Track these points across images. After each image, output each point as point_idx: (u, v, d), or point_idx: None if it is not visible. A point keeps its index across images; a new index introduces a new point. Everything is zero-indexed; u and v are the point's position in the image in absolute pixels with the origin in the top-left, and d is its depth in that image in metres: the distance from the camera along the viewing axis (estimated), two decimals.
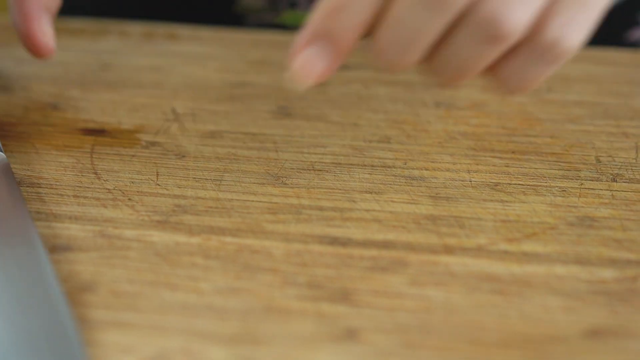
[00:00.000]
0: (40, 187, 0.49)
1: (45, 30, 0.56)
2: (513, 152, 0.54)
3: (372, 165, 0.52)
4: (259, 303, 0.41)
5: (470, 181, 0.51)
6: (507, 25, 0.43)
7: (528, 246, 0.45)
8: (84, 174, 0.51)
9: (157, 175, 0.50)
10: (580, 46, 0.45)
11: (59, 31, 0.69)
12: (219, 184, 0.50)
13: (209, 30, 0.72)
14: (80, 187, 0.49)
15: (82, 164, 0.52)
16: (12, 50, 0.67)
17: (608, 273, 0.44)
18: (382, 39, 0.44)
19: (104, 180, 0.50)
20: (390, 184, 0.50)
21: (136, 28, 0.72)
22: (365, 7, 0.43)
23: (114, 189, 0.49)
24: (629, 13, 0.76)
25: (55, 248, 0.44)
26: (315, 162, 0.52)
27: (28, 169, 0.51)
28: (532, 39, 0.44)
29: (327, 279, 0.43)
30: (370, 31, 0.44)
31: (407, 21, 0.43)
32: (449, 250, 0.45)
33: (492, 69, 0.46)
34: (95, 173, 0.51)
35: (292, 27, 0.46)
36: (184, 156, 0.53)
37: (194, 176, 0.51)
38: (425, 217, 0.47)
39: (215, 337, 0.39)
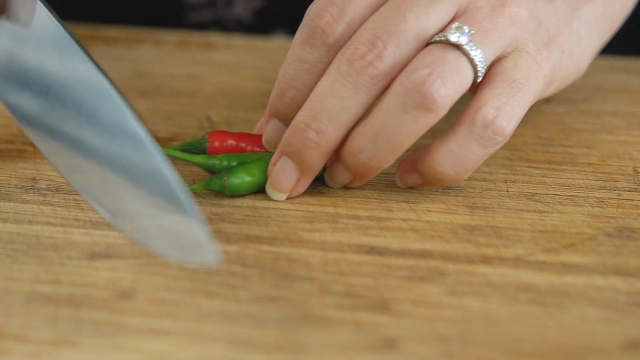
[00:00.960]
0: (78, 195, 0.49)
1: None
2: (549, 162, 0.53)
3: None
4: (297, 312, 0.41)
5: (507, 191, 0.50)
6: (435, 95, 0.45)
7: (566, 257, 0.45)
8: None
9: (194, 183, 0.51)
10: (509, 134, 0.47)
11: (94, 39, 0.70)
12: (256, 192, 0.50)
13: (242, 39, 0.72)
14: None
15: None
16: None
17: None
18: (306, 111, 0.47)
19: None
20: (427, 194, 0.50)
21: (170, 36, 0.72)
22: (306, 87, 0.48)
23: None
24: None
25: (93, 255, 0.44)
26: None
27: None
28: (466, 119, 0.46)
29: (365, 288, 0.43)
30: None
31: (328, 96, 0.46)
32: (486, 260, 0.45)
33: (429, 153, 0.47)
34: None
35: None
36: None
37: None
38: (462, 227, 0.47)
39: (253, 345, 0.39)
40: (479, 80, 0.47)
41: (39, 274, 0.43)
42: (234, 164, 0.50)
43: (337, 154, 0.48)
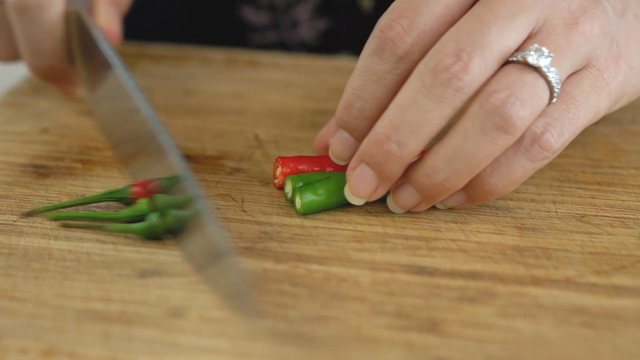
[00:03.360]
0: None
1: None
2: (598, 184, 0.53)
3: None
4: (347, 332, 0.41)
5: (556, 212, 0.50)
6: (514, 118, 0.44)
7: (617, 279, 0.45)
8: None
9: (242, 201, 0.51)
10: (558, 150, 0.46)
11: (141, 57, 0.70)
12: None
13: (288, 58, 0.72)
14: None
15: None
16: None
17: None
18: (387, 123, 0.46)
19: None
20: (476, 214, 0.50)
21: (217, 54, 0.72)
22: (375, 98, 0.47)
23: None
24: None
25: (144, 272, 0.45)
26: None
27: None
28: None
29: (415, 308, 0.43)
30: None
31: (411, 108, 0.45)
32: (536, 281, 0.44)
33: None
34: None
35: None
36: (268, 183, 0.53)
37: (279, 203, 0.51)
38: (511, 248, 0.47)
39: None
40: (555, 100, 0.46)
41: (90, 291, 0.43)
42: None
43: (404, 177, 0.48)
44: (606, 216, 0.50)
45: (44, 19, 0.57)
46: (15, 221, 0.49)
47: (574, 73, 0.48)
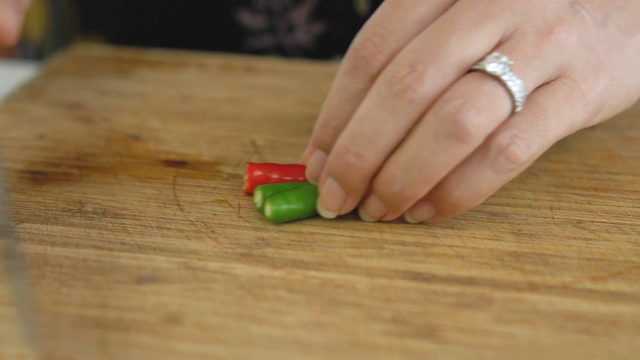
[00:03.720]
0: (125, 218, 0.50)
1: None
2: (595, 190, 0.53)
3: None
4: (344, 338, 0.41)
5: (553, 218, 0.50)
6: (468, 125, 0.44)
7: (614, 285, 0.45)
8: (167, 206, 0.51)
9: (239, 207, 0.51)
10: (526, 162, 0.46)
11: (138, 63, 0.70)
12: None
13: (285, 63, 0.72)
14: (163, 218, 0.50)
15: (165, 195, 0.52)
16: (94, 82, 0.68)
17: None
18: (347, 135, 0.46)
19: (187, 212, 0.50)
20: (472, 220, 0.50)
21: (214, 60, 0.72)
22: (350, 117, 0.48)
23: (196, 221, 0.50)
24: None
25: (141, 279, 0.45)
26: None
27: (112, 200, 0.51)
28: (482, 143, 0.46)
29: (412, 314, 0.43)
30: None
31: (368, 120, 0.46)
32: (533, 287, 0.44)
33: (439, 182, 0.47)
34: (178, 204, 0.51)
35: None
36: None
37: None
38: (508, 254, 0.47)
39: None
40: (519, 109, 0.46)
41: (86, 298, 0.43)
42: None
43: (371, 187, 0.48)
44: (603, 222, 0.50)
45: None
46: (12, 227, 0.49)
47: (546, 83, 0.47)
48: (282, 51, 0.77)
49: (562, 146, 0.58)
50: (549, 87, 0.47)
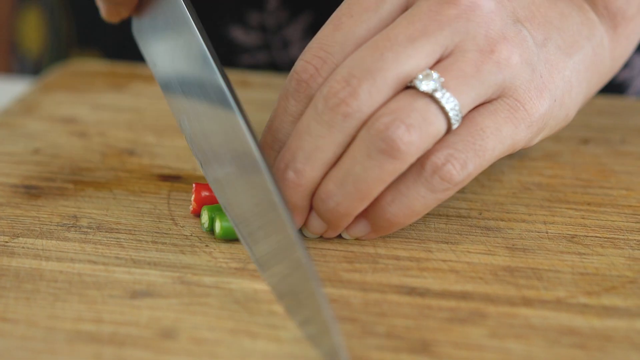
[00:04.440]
0: (119, 233, 0.50)
1: None
2: (589, 204, 0.53)
3: (447, 215, 0.52)
4: None
5: (547, 232, 0.50)
6: (398, 142, 0.44)
7: (608, 300, 0.45)
8: (161, 220, 0.51)
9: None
10: (461, 182, 0.46)
11: (133, 77, 0.70)
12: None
13: (280, 78, 0.72)
14: (158, 233, 0.50)
15: (159, 209, 0.52)
16: (88, 97, 0.68)
17: None
18: (286, 151, 0.47)
19: (181, 226, 0.51)
20: (466, 234, 0.50)
21: None
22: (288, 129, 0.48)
23: (191, 236, 0.50)
24: None
25: (135, 293, 0.45)
26: None
27: (106, 214, 0.52)
28: (417, 161, 0.46)
29: (406, 329, 0.43)
30: None
31: (305, 135, 0.46)
32: (527, 302, 0.45)
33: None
34: (172, 219, 0.51)
35: None
36: None
37: None
38: (502, 269, 0.47)
39: None
40: (455, 127, 0.46)
41: (81, 313, 0.43)
42: None
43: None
44: (597, 237, 0.50)
45: None
46: (6, 242, 0.49)
47: (487, 102, 0.47)
48: (276, 68, 0.77)
49: (555, 161, 0.58)
50: (490, 107, 0.47)
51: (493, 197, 0.54)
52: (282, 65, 0.77)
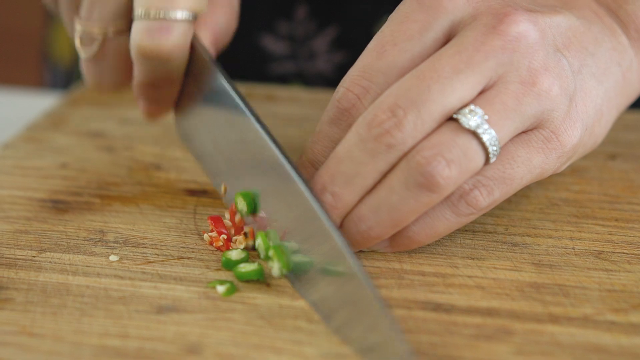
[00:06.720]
0: (145, 247, 0.50)
1: None
2: (616, 220, 0.53)
3: (474, 231, 0.52)
4: None
5: (574, 249, 0.50)
6: (437, 177, 0.45)
7: (635, 317, 0.45)
8: (187, 235, 0.51)
9: None
10: (486, 208, 0.47)
11: None
12: None
13: (306, 92, 0.72)
14: (184, 247, 0.50)
15: (186, 224, 0.52)
16: (116, 111, 0.69)
17: None
18: (325, 173, 0.47)
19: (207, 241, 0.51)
20: (492, 250, 0.50)
21: None
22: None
23: (217, 251, 0.50)
24: None
25: (161, 309, 0.45)
26: None
27: (133, 229, 0.52)
28: None
29: (432, 345, 0.43)
30: None
31: (346, 160, 0.46)
32: (554, 319, 0.44)
33: None
34: (199, 234, 0.51)
35: None
36: None
37: None
38: (528, 285, 0.47)
39: None
40: (492, 160, 0.46)
41: (107, 328, 0.43)
42: None
43: None
44: (624, 253, 0.50)
45: (169, 66, 0.54)
46: (34, 257, 0.49)
47: (523, 132, 0.48)
48: (303, 79, 0.77)
49: (582, 176, 0.58)
50: (525, 137, 0.48)
51: (520, 213, 0.54)
52: (308, 76, 0.77)
